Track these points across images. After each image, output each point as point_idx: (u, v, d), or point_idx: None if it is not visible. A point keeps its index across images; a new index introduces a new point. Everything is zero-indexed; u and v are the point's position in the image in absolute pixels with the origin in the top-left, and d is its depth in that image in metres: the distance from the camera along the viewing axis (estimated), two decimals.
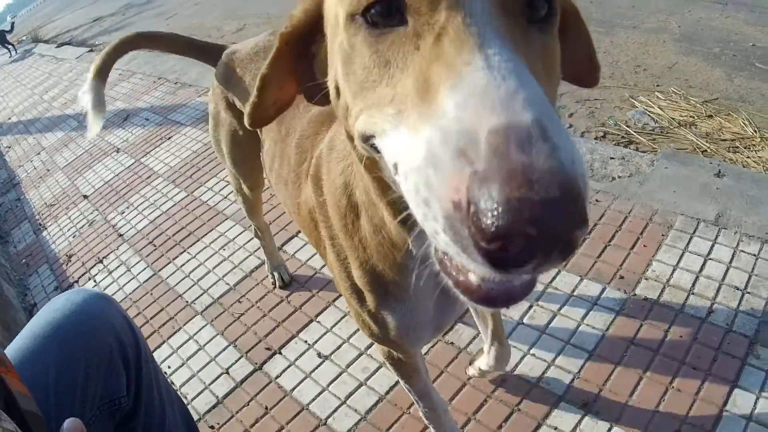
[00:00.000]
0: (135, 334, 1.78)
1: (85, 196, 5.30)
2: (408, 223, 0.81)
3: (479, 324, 2.12)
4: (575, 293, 2.65)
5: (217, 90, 2.33)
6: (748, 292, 2.48)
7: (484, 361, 2.19)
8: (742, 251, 2.66)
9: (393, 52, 0.72)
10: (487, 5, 0.67)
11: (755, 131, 3.66)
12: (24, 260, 4.76)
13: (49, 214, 5.34)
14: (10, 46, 15.72)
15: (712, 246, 2.71)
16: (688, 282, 2.57)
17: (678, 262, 2.67)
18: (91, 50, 11.32)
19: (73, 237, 4.71)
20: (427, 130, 0.60)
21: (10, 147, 7.87)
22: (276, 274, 3.22)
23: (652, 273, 2.66)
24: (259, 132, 2.17)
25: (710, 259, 2.66)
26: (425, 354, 2.53)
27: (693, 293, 2.52)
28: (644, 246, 2.81)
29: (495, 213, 0.51)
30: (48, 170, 6.37)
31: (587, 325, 2.50)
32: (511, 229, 0.51)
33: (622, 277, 2.68)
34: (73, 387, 1.53)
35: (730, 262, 2.63)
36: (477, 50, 0.62)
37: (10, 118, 9.35)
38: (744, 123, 3.75)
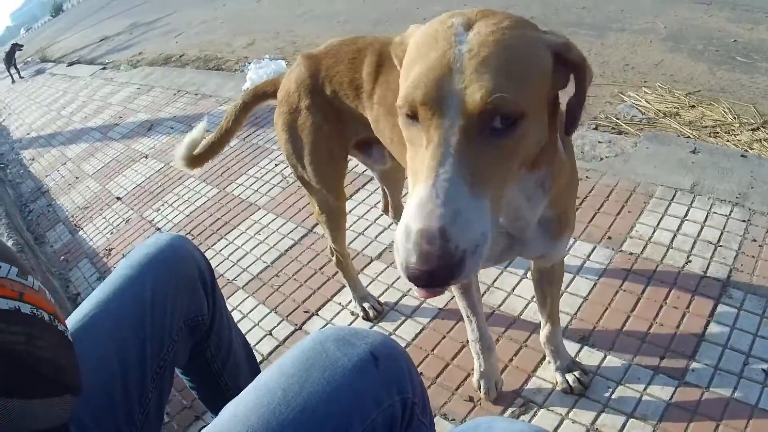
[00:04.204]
0: (209, 266, 2.15)
1: (119, 198, 5.57)
2: None
3: (539, 306, 2.36)
4: (570, 252, 3.01)
5: (294, 93, 2.39)
6: (721, 245, 2.86)
7: (542, 334, 2.44)
8: (715, 212, 3.04)
9: (413, 136, 1.19)
10: (455, 129, 1.10)
11: (735, 117, 4.01)
12: (63, 257, 5.00)
13: (83, 216, 5.59)
14: (14, 70, 15.52)
15: (688, 209, 3.09)
16: (668, 239, 2.95)
17: (658, 224, 3.05)
18: (104, 68, 11.50)
19: (111, 234, 4.98)
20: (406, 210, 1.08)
21: (33, 159, 8.08)
22: (366, 305, 3.08)
23: (635, 233, 3.04)
24: (359, 104, 2.26)
25: (687, 220, 3.04)
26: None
27: (672, 248, 2.90)
28: (629, 212, 3.18)
29: (409, 271, 1.05)
30: (77, 178, 6.61)
31: (581, 276, 2.88)
32: (412, 278, 1.06)
33: (609, 238, 3.05)
34: (164, 304, 1.88)
35: (704, 221, 3.01)
36: (435, 167, 1.08)
37: (29, 134, 9.55)
38: (724, 111, 4.10)
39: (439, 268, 1.03)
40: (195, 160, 2.79)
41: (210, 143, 2.78)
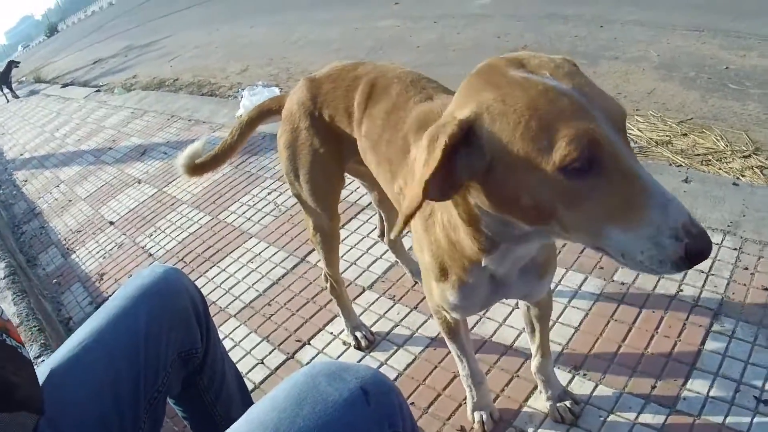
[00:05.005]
0: (203, 299, 2.18)
1: (112, 223, 5.60)
2: (485, 249, 1.54)
3: (529, 337, 2.39)
4: (562, 282, 3.03)
5: (296, 114, 2.45)
6: (712, 274, 2.86)
7: (533, 365, 2.46)
8: None
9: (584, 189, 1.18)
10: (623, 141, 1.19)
11: (727, 145, 4.02)
12: (55, 280, 5.01)
13: (76, 239, 5.62)
14: (8, 90, 15.59)
15: None
16: None
17: None
18: (98, 90, 11.57)
19: (103, 258, 4.99)
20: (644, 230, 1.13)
21: (26, 181, 8.13)
22: (358, 334, 3.07)
23: None
24: (351, 131, 2.31)
25: None
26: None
27: (663, 277, 2.89)
28: None
29: (703, 252, 1.12)
30: (69, 201, 6.65)
31: (572, 306, 2.88)
32: (700, 255, 1.12)
33: (601, 268, 3.05)
34: (158, 336, 1.90)
35: None
36: (641, 173, 1.15)
37: (22, 154, 9.61)
38: (716, 138, 4.11)
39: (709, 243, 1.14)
40: (196, 168, 2.85)
41: (213, 155, 2.84)
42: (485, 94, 1.25)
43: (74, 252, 5.38)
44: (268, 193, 4.92)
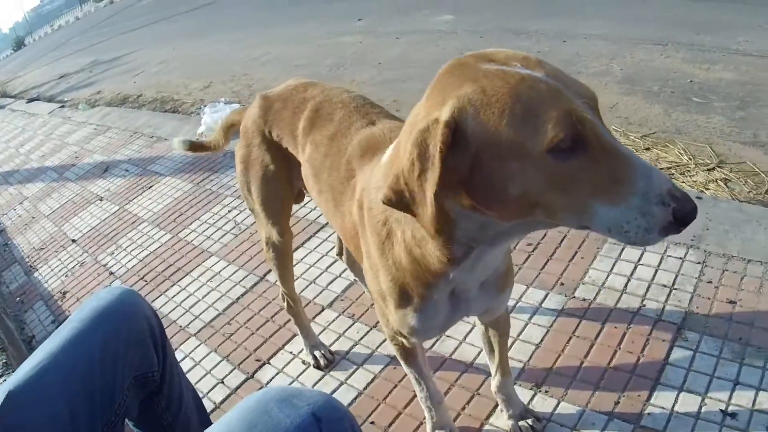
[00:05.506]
0: (159, 322, 2.14)
1: (74, 240, 5.54)
2: (456, 258, 1.52)
3: (488, 357, 2.40)
4: (522, 299, 3.02)
5: (250, 130, 2.51)
6: (676, 288, 2.86)
7: (493, 384, 2.46)
8: (669, 255, 3.05)
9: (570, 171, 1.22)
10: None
11: (690, 158, 4.02)
12: (18, 298, 4.96)
13: (39, 257, 5.55)
14: None
15: (642, 254, 3.09)
16: (621, 284, 2.95)
17: (612, 269, 3.05)
18: (62, 106, 11.46)
19: (66, 276, 4.94)
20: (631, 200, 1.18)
21: None
22: (317, 354, 3.05)
23: (588, 279, 3.04)
24: (296, 153, 2.35)
25: (641, 264, 3.04)
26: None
27: (626, 293, 2.89)
28: (582, 258, 3.18)
29: (690, 214, 1.16)
30: (33, 218, 6.57)
31: (534, 323, 2.87)
32: (689, 218, 1.16)
33: (562, 284, 3.05)
34: (114, 358, 1.89)
35: (659, 265, 3.01)
36: (621, 148, 1.20)
37: None
38: (680, 152, 4.12)
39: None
40: (194, 146, 3.23)
41: (207, 142, 3.15)
42: (464, 88, 1.26)
43: (37, 270, 5.33)
44: (228, 211, 4.91)
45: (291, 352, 3.20)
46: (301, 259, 3.84)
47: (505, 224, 1.38)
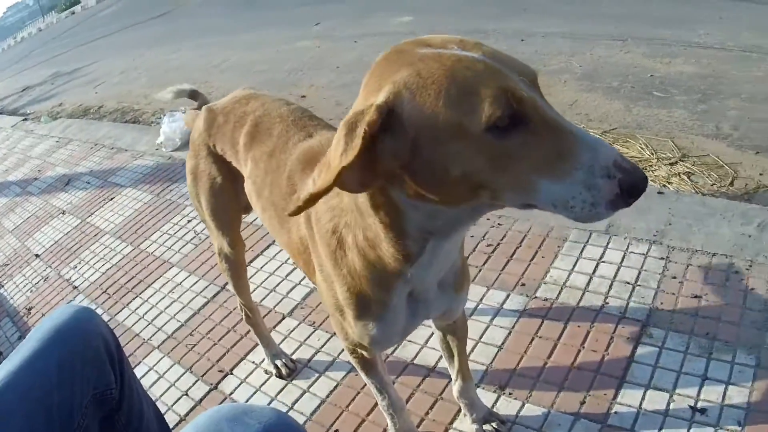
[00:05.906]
0: (116, 339, 2.11)
1: (37, 255, 5.48)
2: (411, 254, 1.50)
3: (448, 363, 2.39)
4: (483, 301, 3.00)
5: (197, 142, 2.52)
6: (639, 285, 2.85)
7: (454, 389, 2.44)
8: (632, 252, 3.04)
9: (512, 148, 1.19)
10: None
11: (652, 153, 4.03)
12: None
13: (3, 273, 5.49)
14: None
15: (604, 251, 3.09)
16: (583, 282, 2.94)
17: (573, 267, 3.04)
18: (25, 119, 11.36)
19: (30, 292, 4.88)
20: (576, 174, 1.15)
21: None
22: (278, 363, 3.03)
23: (550, 278, 3.02)
24: (239, 168, 2.35)
25: (603, 261, 3.03)
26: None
27: (588, 291, 2.88)
28: (542, 257, 3.17)
29: (637, 185, 1.13)
30: None
31: (495, 325, 2.85)
32: (641, 188, 1.13)
33: (523, 284, 3.03)
34: (71, 377, 1.85)
35: (621, 262, 3.00)
36: (563, 121, 1.19)
37: None
38: (641, 147, 4.13)
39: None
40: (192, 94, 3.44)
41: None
42: (400, 73, 1.25)
43: (2, 286, 5.27)
44: (189, 221, 4.88)
45: (253, 362, 3.18)
46: (261, 268, 3.84)
47: (453, 210, 1.36)
